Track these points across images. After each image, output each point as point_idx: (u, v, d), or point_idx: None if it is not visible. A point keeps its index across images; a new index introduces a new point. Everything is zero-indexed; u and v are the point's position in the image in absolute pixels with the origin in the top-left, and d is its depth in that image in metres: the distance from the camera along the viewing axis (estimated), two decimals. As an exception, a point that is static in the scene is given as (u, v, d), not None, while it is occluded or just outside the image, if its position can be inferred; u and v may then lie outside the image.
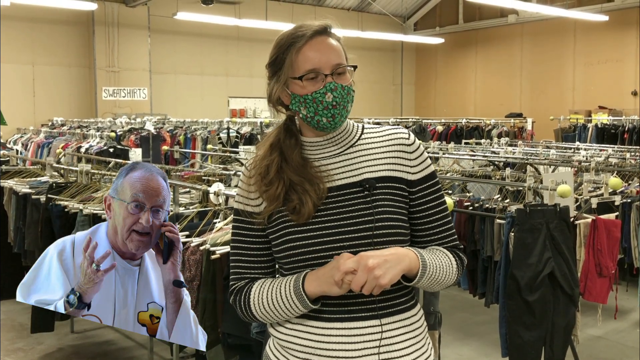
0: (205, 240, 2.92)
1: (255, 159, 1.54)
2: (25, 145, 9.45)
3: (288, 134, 1.53)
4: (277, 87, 1.50)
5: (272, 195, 1.47)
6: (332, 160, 1.51)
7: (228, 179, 4.66)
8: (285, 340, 1.49)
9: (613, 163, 5.70)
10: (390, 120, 11.69)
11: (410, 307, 1.51)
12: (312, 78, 1.46)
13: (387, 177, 1.49)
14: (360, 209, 1.44)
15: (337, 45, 1.50)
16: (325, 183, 1.46)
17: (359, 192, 1.45)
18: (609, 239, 3.55)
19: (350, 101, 1.49)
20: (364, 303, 1.44)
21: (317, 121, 1.47)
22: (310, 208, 1.43)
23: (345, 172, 1.49)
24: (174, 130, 9.88)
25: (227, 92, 15.60)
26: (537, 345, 3.16)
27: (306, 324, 1.46)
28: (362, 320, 1.43)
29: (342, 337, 1.43)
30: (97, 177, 4.37)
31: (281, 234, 1.46)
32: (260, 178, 1.49)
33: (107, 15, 13.25)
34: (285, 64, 1.48)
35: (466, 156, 6.37)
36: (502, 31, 16.38)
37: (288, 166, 1.48)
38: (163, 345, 4.20)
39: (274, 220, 1.48)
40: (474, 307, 4.95)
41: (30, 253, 4.45)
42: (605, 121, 10.57)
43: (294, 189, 1.45)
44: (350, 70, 1.51)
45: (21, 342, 4.45)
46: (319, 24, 1.49)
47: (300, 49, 1.46)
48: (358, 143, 1.53)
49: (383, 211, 1.44)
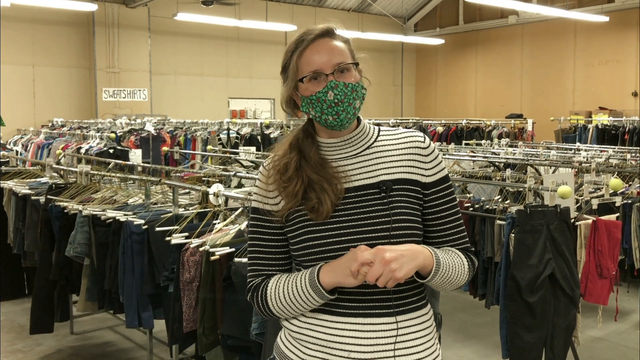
0: (205, 242, 2.92)
1: (274, 159, 1.57)
2: (25, 146, 9.44)
3: (306, 135, 1.57)
4: (287, 91, 1.55)
5: (291, 192, 1.50)
6: (350, 162, 1.55)
7: (228, 180, 4.66)
8: (298, 333, 1.52)
9: (614, 164, 5.69)
10: (391, 121, 11.68)
11: (422, 305, 1.55)
12: (315, 79, 1.50)
13: (403, 180, 1.52)
14: (377, 209, 1.48)
15: (341, 46, 1.53)
16: (342, 183, 1.50)
17: (376, 194, 1.49)
18: (609, 240, 3.54)
19: (357, 98, 1.51)
20: (380, 300, 1.47)
21: (325, 120, 1.51)
22: (328, 207, 1.47)
23: (363, 174, 1.53)
24: (174, 131, 9.87)
25: (227, 93, 15.61)
26: (537, 346, 3.15)
27: (320, 318, 1.49)
28: (377, 317, 1.46)
29: (356, 331, 1.46)
30: (96, 178, 4.37)
31: (300, 232, 1.50)
32: (279, 175, 1.53)
33: (108, 16, 13.26)
34: (291, 68, 1.53)
35: (466, 157, 6.36)
36: (502, 32, 16.39)
37: (307, 164, 1.52)
38: (163, 346, 4.20)
39: (292, 220, 1.52)
40: (475, 308, 4.95)
41: (29, 254, 4.45)
42: (605, 122, 10.57)
43: (312, 187, 1.49)
44: (357, 69, 1.53)
45: (20, 344, 4.44)
46: (321, 27, 1.53)
47: (302, 52, 1.51)
48: (374, 145, 1.57)
49: (400, 212, 1.48)
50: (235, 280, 2.67)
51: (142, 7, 13.57)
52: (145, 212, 3.58)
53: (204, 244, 2.89)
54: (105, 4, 13.13)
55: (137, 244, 3.38)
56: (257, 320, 2.57)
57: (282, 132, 9.98)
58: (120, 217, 3.52)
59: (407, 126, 11.37)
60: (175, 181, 3.99)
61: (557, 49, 15.21)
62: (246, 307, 2.64)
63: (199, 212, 3.38)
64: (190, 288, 2.98)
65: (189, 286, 2.98)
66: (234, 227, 3.06)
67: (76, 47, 13.38)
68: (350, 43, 1.57)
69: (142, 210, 3.64)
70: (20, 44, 12.68)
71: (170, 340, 3.31)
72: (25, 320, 4.62)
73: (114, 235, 3.55)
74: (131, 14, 13.58)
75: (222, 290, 2.81)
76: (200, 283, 2.92)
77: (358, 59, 1.56)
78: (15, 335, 4.59)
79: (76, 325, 4.71)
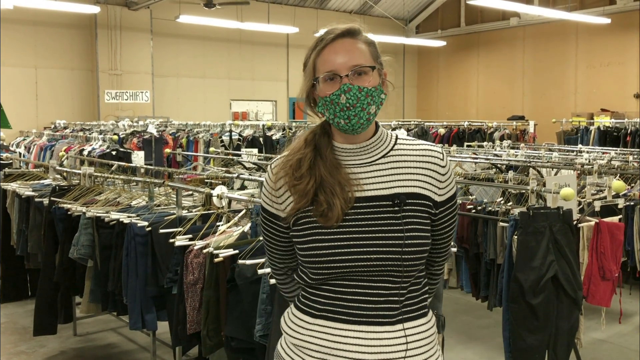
0: (209, 244, 2.92)
1: (287, 156, 1.53)
2: (28, 148, 9.46)
3: (323, 132, 1.53)
4: (305, 90, 1.51)
5: (302, 190, 1.46)
6: (363, 169, 1.50)
7: (231, 181, 4.67)
8: (300, 340, 1.50)
9: (616, 166, 5.69)
10: (392, 123, 11.68)
11: (426, 313, 1.53)
12: (331, 80, 1.45)
13: (416, 194, 1.49)
14: (390, 223, 1.44)
15: (362, 48, 1.48)
16: (354, 191, 1.46)
17: (389, 206, 1.45)
18: (612, 242, 3.54)
19: (372, 103, 1.45)
20: (386, 308, 1.45)
21: (337, 123, 1.46)
22: (339, 212, 1.42)
23: (376, 184, 1.48)
24: (176, 133, 9.89)
25: (229, 94, 15.62)
26: (540, 348, 3.15)
27: (323, 324, 1.47)
28: (382, 325, 1.44)
29: (360, 339, 1.43)
30: (99, 180, 4.38)
31: (308, 238, 1.46)
32: (292, 171, 1.48)
33: (110, 19, 13.28)
34: (309, 66, 1.49)
35: (469, 159, 6.36)
36: (504, 34, 16.39)
37: (322, 163, 1.47)
38: (166, 348, 4.20)
39: (300, 224, 1.48)
40: (477, 310, 4.95)
41: (33, 256, 4.46)
42: (607, 124, 10.56)
43: (323, 189, 1.45)
44: (379, 72, 1.49)
45: (24, 345, 4.45)
46: (344, 26, 1.49)
47: (320, 51, 1.47)
48: (390, 154, 1.52)
49: (413, 228, 1.45)
50: (239, 282, 2.67)
51: (144, 9, 13.59)
52: (148, 214, 3.59)
53: (208, 246, 2.90)
54: (108, 7, 13.16)
55: (140, 245, 3.39)
56: (261, 322, 2.57)
57: (284, 134, 9.99)
58: (124, 219, 3.53)
59: (409, 128, 11.37)
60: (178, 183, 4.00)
61: (558, 50, 15.21)
62: (250, 309, 2.65)
63: (202, 214, 3.39)
64: (193, 290, 2.98)
65: (193, 288, 2.98)
66: (238, 229, 3.07)
67: (79, 49, 13.41)
68: (376, 46, 1.52)
69: (146, 212, 3.65)
70: (23, 46, 12.71)
71: (173, 342, 3.32)
72: (28, 322, 4.62)
73: (118, 237, 3.56)
74: (133, 16, 13.61)
75: (225, 292, 2.81)
76: (203, 285, 2.93)
77: (382, 62, 1.51)
78: (19, 337, 4.60)
79: (79, 327, 4.71)
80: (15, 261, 4.92)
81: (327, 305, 1.47)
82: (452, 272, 4.28)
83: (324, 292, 1.48)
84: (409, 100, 18.80)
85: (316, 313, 1.48)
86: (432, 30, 17.69)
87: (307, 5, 16.15)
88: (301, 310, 1.52)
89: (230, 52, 15.44)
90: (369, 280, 1.44)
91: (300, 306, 1.53)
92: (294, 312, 1.55)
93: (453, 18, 17.39)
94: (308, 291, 1.52)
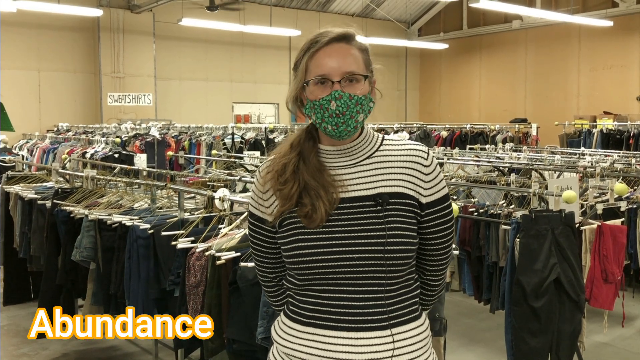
0: (211, 246, 2.92)
1: (273, 159, 1.54)
2: (31, 151, 9.48)
3: (308, 137, 1.53)
4: (294, 90, 1.50)
5: (286, 194, 1.47)
6: (347, 171, 1.50)
7: (233, 184, 4.67)
8: (290, 348, 1.49)
9: (618, 169, 5.68)
10: (395, 126, 11.68)
11: (417, 316, 1.52)
12: (322, 83, 1.45)
13: (400, 194, 1.48)
14: (372, 222, 1.44)
15: (356, 54, 1.47)
16: (339, 192, 1.46)
17: (372, 206, 1.45)
18: (614, 245, 3.54)
19: (361, 112, 1.45)
20: (373, 313, 1.44)
21: (324, 128, 1.47)
22: (322, 214, 1.43)
23: (360, 184, 1.48)
24: (178, 135, 9.90)
25: (231, 97, 15.65)
26: (543, 351, 3.14)
27: (312, 332, 1.46)
28: (371, 331, 1.43)
29: (349, 346, 1.42)
30: (102, 183, 4.38)
31: (292, 239, 1.47)
32: (277, 176, 1.49)
33: (113, 22, 13.32)
34: (301, 68, 1.48)
35: (471, 162, 6.35)
36: (506, 37, 16.39)
37: (305, 168, 1.48)
38: (168, 350, 4.20)
39: (285, 226, 1.49)
40: (480, 313, 4.94)
41: (35, 258, 4.46)
42: (610, 127, 10.54)
43: (308, 192, 1.45)
44: (369, 80, 1.48)
45: (26, 348, 4.46)
46: (339, 30, 1.47)
47: (314, 54, 1.46)
48: (375, 155, 1.52)
49: (395, 227, 1.44)
50: (241, 285, 2.68)
51: (147, 12, 13.63)
52: (151, 217, 3.59)
53: (210, 249, 2.90)
54: (111, 10, 13.19)
55: (143, 248, 3.39)
56: (262, 324, 2.57)
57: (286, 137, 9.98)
58: (126, 221, 3.53)
59: (411, 131, 11.37)
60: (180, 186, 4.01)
61: (561, 53, 15.20)
62: (252, 312, 2.65)
63: (204, 216, 3.39)
64: (195, 292, 2.98)
65: (195, 290, 2.98)
66: (240, 231, 3.07)
67: (81, 52, 13.45)
68: (369, 52, 1.51)
69: (148, 215, 3.65)
70: (26, 49, 12.75)
71: (175, 344, 3.32)
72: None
73: (120, 240, 3.56)
74: (136, 19, 13.64)
75: (227, 294, 2.81)
76: (205, 287, 2.93)
77: (373, 69, 1.50)
78: (21, 339, 4.60)
79: (81, 329, 4.71)
80: (18, 264, 4.93)
81: (315, 312, 1.47)
82: (454, 274, 4.28)
83: (311, 297, 1.48)
84: (411, 103, 18.80)
85: (305, 320, 1.48)
86: (434, 33, 17.69)
87: (309, 8, 16.17)
88: (290, 318, 1.52)
89: (233, 55, 15.46)
90: (354, 284, 1.43)
91: (289, 313, 1.53)
92: (283, 321, 1.55)
93: (455, 21, 17.40)
94: (296, 298, 1.52)
